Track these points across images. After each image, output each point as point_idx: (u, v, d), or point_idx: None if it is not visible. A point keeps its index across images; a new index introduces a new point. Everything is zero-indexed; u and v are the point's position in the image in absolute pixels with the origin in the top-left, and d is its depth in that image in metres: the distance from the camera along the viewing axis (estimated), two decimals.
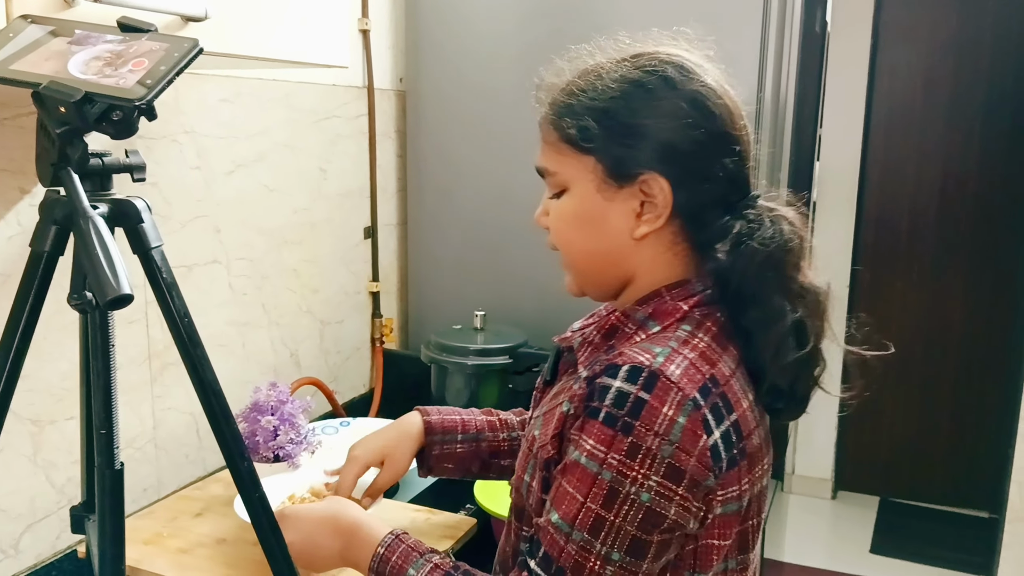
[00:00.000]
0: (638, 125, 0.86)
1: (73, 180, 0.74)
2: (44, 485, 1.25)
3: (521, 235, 1.92)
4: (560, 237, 0.94)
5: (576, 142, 0.89)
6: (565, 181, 0.91)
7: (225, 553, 1.21)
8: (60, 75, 0.76)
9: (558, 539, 0.81)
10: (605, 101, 0.87)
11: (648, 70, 0.88)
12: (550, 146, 0.92)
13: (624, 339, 0.89)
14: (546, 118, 0.93)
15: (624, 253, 0.90)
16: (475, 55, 1.91)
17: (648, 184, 0.87)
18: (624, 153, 0.87)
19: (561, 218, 0.93)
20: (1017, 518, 2.54)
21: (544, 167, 0.94)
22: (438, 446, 1.21)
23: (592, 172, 0.88)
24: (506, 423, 1.25)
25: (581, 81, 0.90)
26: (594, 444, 0.79)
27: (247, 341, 1.63)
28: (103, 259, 0.68)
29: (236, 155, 1.55)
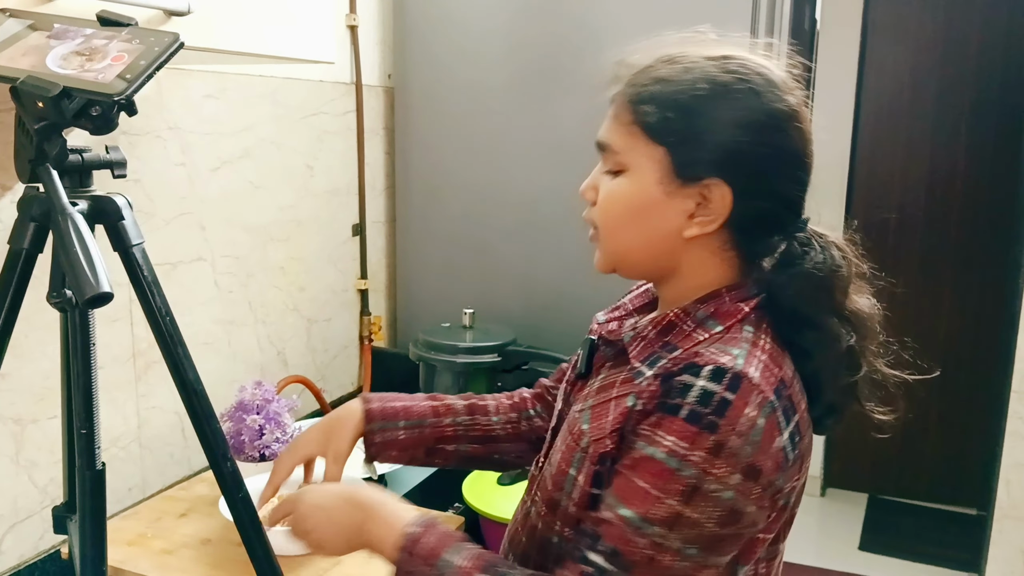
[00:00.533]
0: (717, 130, 0.86)
1: (52, 176, 0.73)
2: (26, 485, 1.24)
3: (510, 233, 1.92)
4: (606, 217, 0.92)
5: (652, 131, 0.87)
6: (627, 163, 0.89)
7: (209, 554, 1.20)
8: (38, 70, 0.74)
9: (628, 533, 0.80)
10: (690, 98, 0.86)
11: (738, 76, 0.87)
12: (622, 125, 0.89)
13: (682, 336, 0.89)
14: (623, 96, 0.90)
15: (669, 248, 0.90)
16: (464, 52, 1.90)
17: (710, 189, 0.87)
18: (696, 154, 0.86)
19: (614, 199, 0.90)
20: (1004, 515, 2.55)
21: (609, 143, 0.90)
22: (379, 433, 1.18)
23: (658, 163, 0.88)
24: (451, 408, 1.23)
25: (668, 69, 0.89)
26: (675, 441, 0.79)
27: (233, 339, 1.61)
28: (82, 257, 0.67)
29: (221, 151, 1.54)
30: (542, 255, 1.89)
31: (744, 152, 0.86)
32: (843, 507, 3.65)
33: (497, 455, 1.24)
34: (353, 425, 1.19)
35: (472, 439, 1.22)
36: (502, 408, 1.25)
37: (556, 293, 1.85)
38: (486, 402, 1.26)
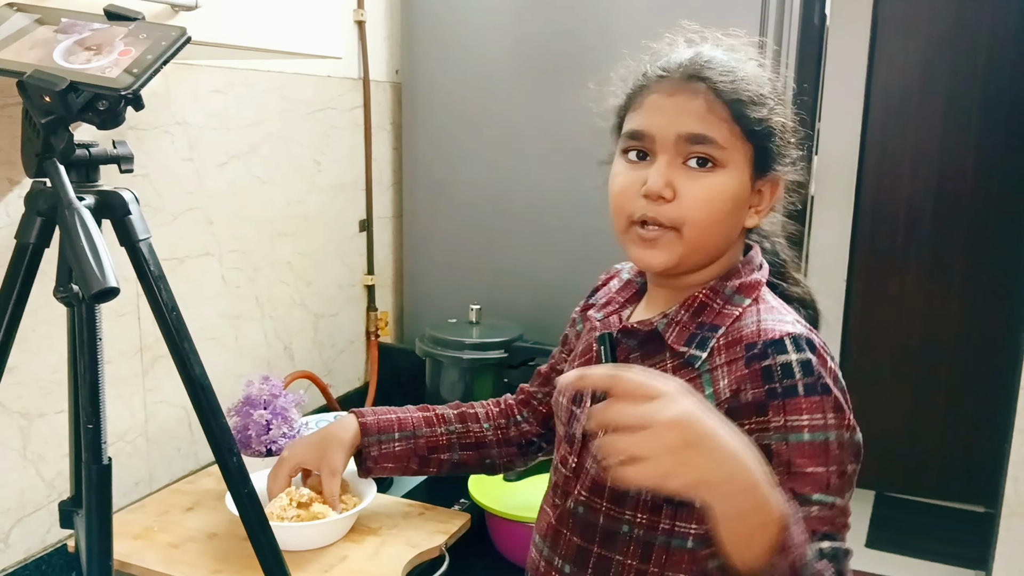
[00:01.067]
0: (779, 128, 0.95)
1: (58, 171, 0.73)
2: (34, 479, 1.24)
3: (517, 229, 1.92)
4: (705, 214, 0.91)
5: (749, 128, 0.91)
6: (727, 159, 0.91)
7: (216, 548, 1.20)
8: (45, 64, 0.74)
9: (827, 513, 0.83)
10: (767, 99, 0.93)
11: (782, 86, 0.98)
12: (721, 120, 0.90)
13: (714, 314, 0.94)
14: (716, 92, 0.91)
15: (734, 237, 0.97)
16: (471, 47, 1.89)
17: (774, 183, 0.96)
18: (771, 152, 0.94)
19: (716, 195, 0.91)
20: (1012, 512, 2.53)
21: (710, 135, 0.90)
22: (375, 446, 1.22)
23: (748, 160, 0.93)
24: (443, 417, 1.26)
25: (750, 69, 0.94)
26: (811, 417, 0.84)
27: (240, 334, 1.62)
28: (88, 251, 0.67)
29: (229, 146, 1.54)
30: (549, 251, 1.88)
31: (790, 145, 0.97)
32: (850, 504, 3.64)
33: (488, 460, 1.27)
34: (348, 439, 1.22)
35: (465, 446, 1.26)
36: (491, 414, 1.29)
37: (563, 289, 1.84)
38: (475, 409, 1.29)
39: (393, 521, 1.28)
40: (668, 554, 0.91)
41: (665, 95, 0.92)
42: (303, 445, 1.23)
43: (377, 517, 1.28)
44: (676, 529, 0.91)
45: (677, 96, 0.91)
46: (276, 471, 1.21)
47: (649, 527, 0.92)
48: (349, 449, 1.22)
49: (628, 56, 0.99)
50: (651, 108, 0.93)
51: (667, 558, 0.91)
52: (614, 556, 0.94)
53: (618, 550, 0.94)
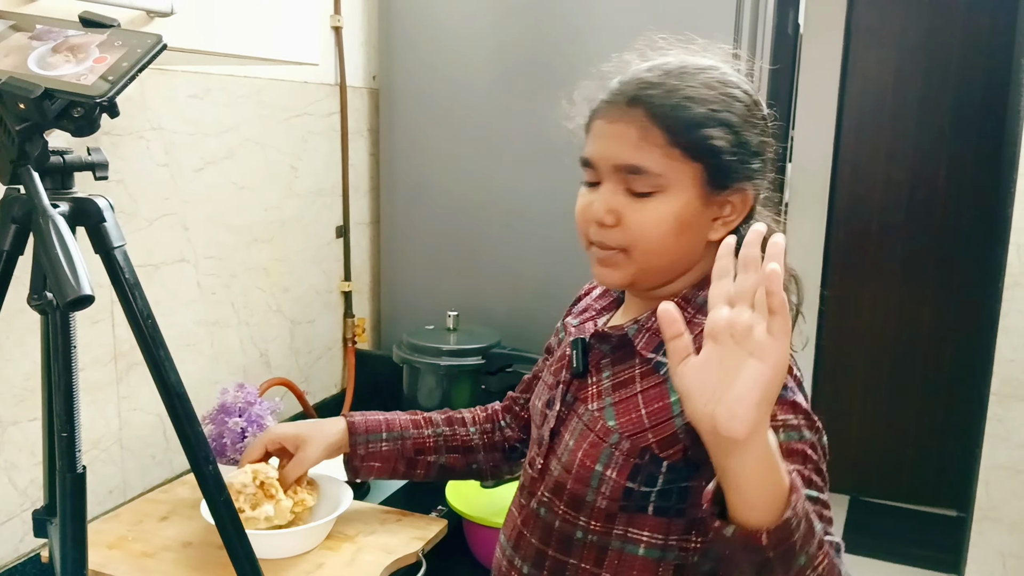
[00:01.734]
0: (748, 141, 0.93)
1: (32, 178, 0.72)
2: (6, 487, 1.23)
3: (495, 235, 1.92)
4: (648, 239, 0.92)
5: (691, 149, 0.90)
6: (666, 184, 0.91)
7: (190, 557, 1.19)
8: (20, 71, 0.74)
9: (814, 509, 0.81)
10: (724, 114, 0.91)
11: (740, 88, 0.94)
12: (655, 147, 0.90)
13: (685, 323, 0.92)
14: (650, 117, 0.90)
15: (698, 252, 0.96)
16: (449, 53, 1.90)
17: (742, 195, 0.94)
18: (732, 165, 0.92)
19: (658, 221, 0.91)
20: (984, 516, 2.57)
21: (643, 166, 0.90)
22: (363, 446, 1.23)
23: (696, 180, 0.91)
24: (431, 420, 1.28)
25: (691, 88, 0.91)
26: (784, 418, 0.84)
27: (215, 341, 1.61)
28: (63, 259, 0.67)
29: (205, 152, 1.53)
30: (527, 257, 1.89)
31: (763, 157, 0.95)
32: None
33: (474, 464, 1.28)
34: (333, 438, 1.24)
35: (451, 449, 1.27)
36: (478, 419, 1.30)
37: (541, 295, 1.85)
38: (463, 415, 1.31)
39: (370, 528, 1.28)
40: (621, 559, 0.92)
41: (607, 121, 0.93)
42: (290, 425, 1.24)
43: (354, 524, 1.28)
44: (629, 535, 0.92)
45: (616, 124, 0.92)
46: (255, 442, 1.23)
47: (603, 533, 0.93)
48: (330, 448, 1.23)
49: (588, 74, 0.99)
50: (595, 135, 0.95)
51: (620, 563, 0.92)
52: (569, 560, 0.95)
53: (573, 554, 0.95)
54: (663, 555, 0.91)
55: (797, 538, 0.72)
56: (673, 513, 0.90)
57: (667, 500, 0.90)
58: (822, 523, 0.79)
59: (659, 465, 0.90)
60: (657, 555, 0.91)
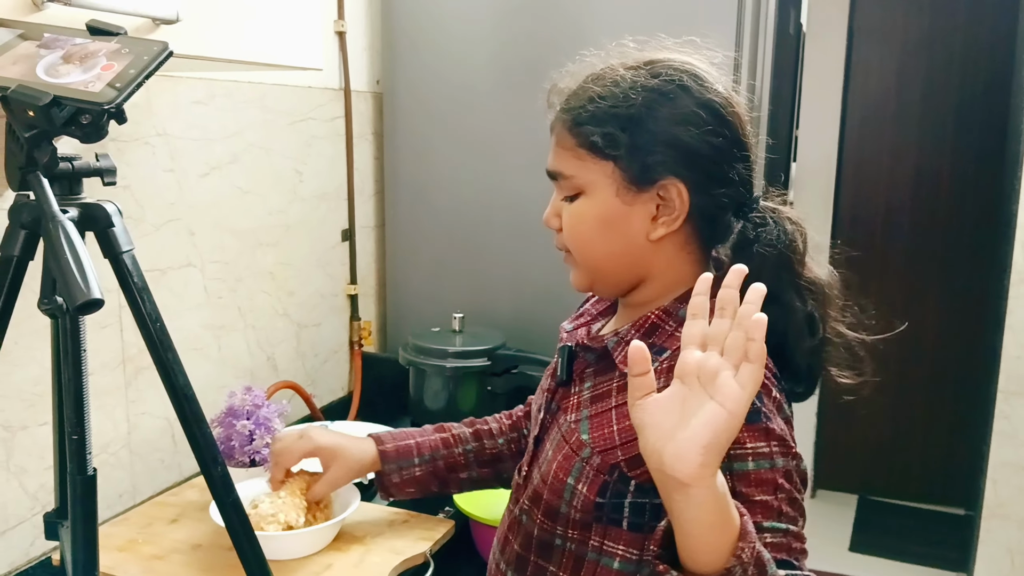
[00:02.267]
0: (659, 132, 0.90)
1: (42, 184, 0.73)
2: (17, 491, 1.24)
3: (499, 237, 1.93)
4: (576, 240, 0.95)
5: (597, 149, 0.91)
6: (582, 185, 0.93)
7: (200, 559, 1.20)
8: (28, 79, 0.75)
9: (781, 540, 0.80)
10: (626, 108, 0.90)
11: (665, 78, 0.91)
12: (567, 151, 0.93)
13: (666, 336, 0.92)
14: (562, 122, 0.94)
15: (640, 254, 0.94)
16: (452, 56, 1.91)
17: (667, 189, 0.91)
18: (645, 160, 0.90)
19: (579, 221, 0.94)
20: (992, 515, 2.56)
21: (559, 171, 0.95)
22: (396, 473, 1.22)
23: (611, 177, 0.91)
24: (459, 437, 1.27)
25: (598, 87, 0.92)
26: (754, 446, 0.81)
27: (223, 344, 1.62)
28: (72, 263, 0.68)
29: (210, 157, 1.55)
30: (531, 258, 1.89)
31: (688, 147, 0.90)
32: (833, 508, 3.67)
33: (504, 474, 1.27)
34: (365, 463, 1.22)
35: (482, 463, 1.26)
36: (504, 428, 1.29)
37: (546, 296, 1.86)
38: (488, 425, 1.29)
39: (378, 529, 1.28)
40: (597, 570, 0.91)
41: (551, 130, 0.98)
42: (329, 436, 1.23)
43: (362, 525, 1.28)
44: (604, 548, 0.91)
45: (552, 136, 0.97)
46: (293, 445, 1.21)
47: (580, 542, 0.92)
48: (360, 472, 1.23)
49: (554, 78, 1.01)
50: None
51: (596, 574, 0.91)
52: (549, 567, 0.95)
53: (553, 561, 0.94)
54: (638, 569, 0.89)
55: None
56: (647, 529, 0.88)
57: (640, 516, 0.88)
58: (791, 556, 0.77)
59: (627, 484, 0.88)
60: (632, 569, 0.89)
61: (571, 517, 0.92)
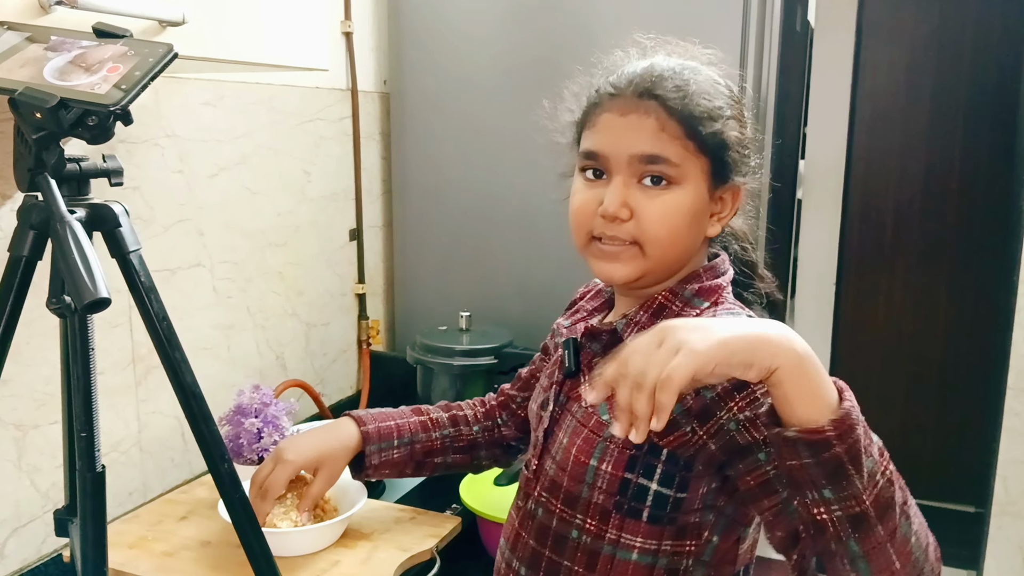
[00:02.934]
0: (747, 139, 0.97)
1: (50, 185, 0.74)
2: (28, 490, 1.26)
3: (506, 236, 1.93)
4: (663, 231, 0.92)
5: (704, 143, 0.92)
6: (682, 176, 0.92)
7: (209, 556, 1.21)
8: (36, 81, 0.76)
9: None
10: (731, 110, 0.95)
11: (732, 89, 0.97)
12: (673, 138, 0.91)
13: (672, 315, 0.96)
14: (667, 109, 0.91)
15: (697, 247, 0.98)
16: (459, 56, 1.91)
17: (734, 192, 0.97)
18: (728, 162, 0.95)
19: (675, 212, 0.92)
20: (1003, 512, 2.55)
21: (663, 155, 0.91)
22: (376, 455, 1.23)
23: (705, 174, 0.94)
24: (436, 422, 1.29)
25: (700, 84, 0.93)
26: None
27: (232, 344, 1.63)
28: (80, 263, 0.69)
29: (219, 158, 1.56)
30: (538, 257, 1.90)
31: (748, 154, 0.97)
32: None
33: (475, 461, 1.31)
34: (349, 448, 1.24)
35: (457, 449, 1.29)
36: (479, 416, 1.32)
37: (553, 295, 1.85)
38: (464, 412, 1.32)
39: (385, 526, 1.29)
40: (613, 564, 0.92)
41: (617, 114, 0.93)
42: (305, 448, 1.20)
43: (369, 522, 1.29)
44: (622, 540, 0.92)
45: (629, 116, 0.92)
46: (277, 475, 1.18)
47: (597, 535, 0.93)
48: (349, 457, 1.23)
49: (580, 70, 1.01)
50: (604, 128, 0.94)
51: (612, 568, 0.92)
52: (563, 561, 0.96)
53: (567, 555, 0.95)
54: (655, 560, 0.91)
55: (860, 434, 0.71)
56: (667, 521, 0.90)
57: (662, 508, 0.90)
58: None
59: (658, 454, 0.89)
60: (649, 560, 0.91)
61: (593, 501, 0.93)
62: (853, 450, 0.71)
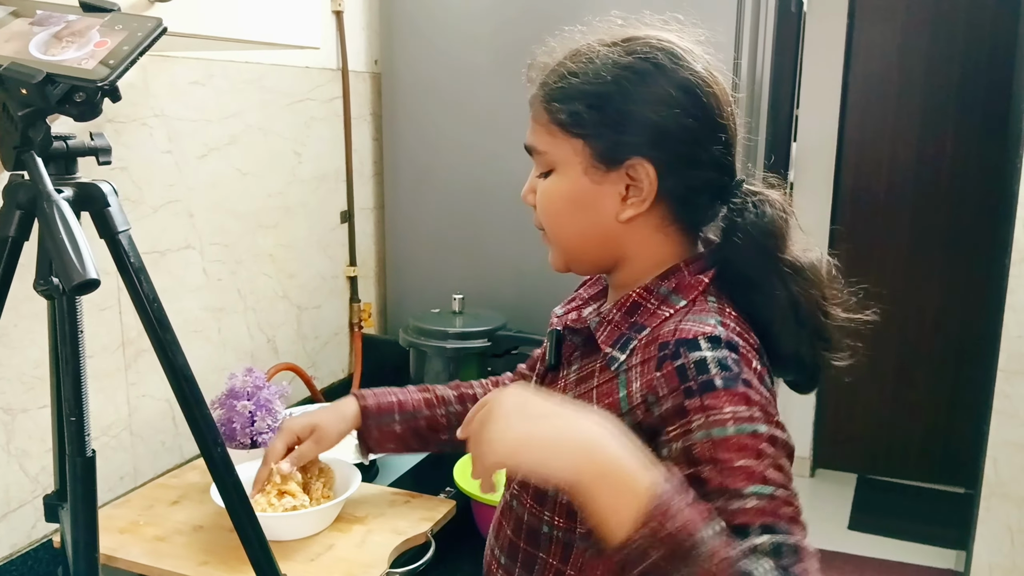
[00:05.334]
0: (628, 111, 0.88)
1: (36, 163, 0.72)
2: (18, 474, 1.24)
3: (499, 218, 1.92)
4: (548, 217, 0.95)
5: (566, 126, 0.90)
6: (554, 162, 0.92)
7: (202, 540, 1.20)
8: (21, 56, 0.74)
9: (764, 504, 0.76)
10: (596, 86, 0.89)
11: (640, 56, 0.89)
12: (541, 126, 0.93)
13: (647, 314, 0.90)
14: (537, 98, 0.94)
15: (612, 234, 0.92)
16: (451, 36, 1.89)
17: (635, 169, 0.89)
18: (613, 138, 0.89)
19: (549, 198, 0.94)
20: (992, 493, 2.57)
21: (534, 146, 0.95)
22: (376, 428, 1.25)
23: (580, 155, 0.90)
24: (442, 399, 1.29)
25: (572, 64, 0.91)
26: (733, 409, 0.78)
27: (223, 327, 1.61)
28: (68, 243, 0.67)
29: (208, 138, 1.54)
30: (532, 239, 1.86)
31: (659, 126, 0.88)
32: (832, 487, 3.68)
33: None
34: (346, 420, 1.25)
35: None
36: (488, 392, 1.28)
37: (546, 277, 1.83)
38: (474, 389, 1.30)
39: (379, 509, 1.28)
40: (587, 557, 0.90)
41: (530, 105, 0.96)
42: (302, 418, 1.25)
43: (363, 506, 1.29)
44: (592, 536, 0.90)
45: (531, 108, 0.96)
46: (274, 440, 1.23)
47: (567, 529, 0.91)
48: (344, 429, 1.24)
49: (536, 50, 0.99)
50: None
51: (584, 561, 0.90)
52: (539, 553, 0.94)
53: (542, 548, 0.93)
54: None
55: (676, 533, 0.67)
56: None
57: None
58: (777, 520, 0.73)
59: None
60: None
61: (559, 500, 0.91)
62: (672, 552, 0.68)
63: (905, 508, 3.53)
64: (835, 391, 3.68)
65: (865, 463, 3.78)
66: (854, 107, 3.58)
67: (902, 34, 3.49)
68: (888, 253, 3.63)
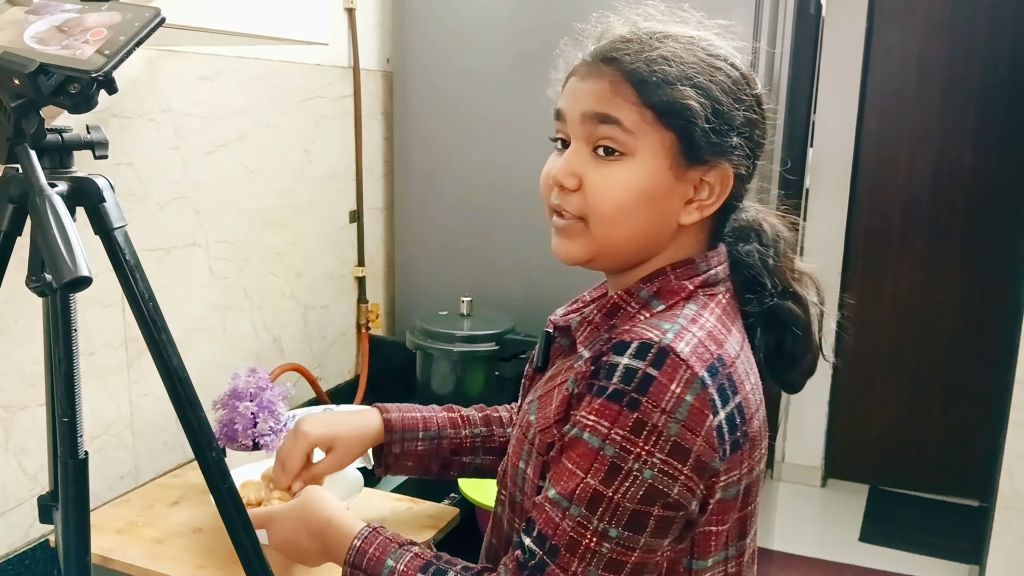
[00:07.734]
0: (729, 112, 0.85)
1: (29, 156, 0.70)
2: (16, 472, 1.22)
3: (510, 220, 1.89)
4: (606, 206, 0.85)
5: (663, 114, 0.82)
6: (636, 147, 0.83)
7: (200, 543, 1.18)
8: (16, 46, 0.72)
9: (554, 515, 0.79)
10: (705, 77, 0.84)
11: (724, 59, 0.87)
12: (629, 104, 0.83)
13: (627, 318, 0.87)
14: (625, 73, 0.83)
15: (663, 235, 0.87)
16: (463, 36, 1.87)
17: (713, 172, 0.86)
18: (710, 136, 0.83)
19: (618, 188, 0.84)
20: (1007, 506, 2.52)
21: (616, 117, 0.83)
22: (398, 444, 1.16)
23: (668, 148, 0.83)
24: (468, 420, 1.21)
25: (669, 49, 0.84)
26: (596, 419, 0.78)
27: (228, 326, 1.59)
28: (59, 239, 0.65)
29: (216, 135, 1.52)
30: (541, 242, 1.83)
31: (747, 134, 0.86)
32: (844, 498, 3.64)
33: None
34: (368, 436, 1.16)
35: (488, 451, 1.21)
36: (514, 418, 1.24)
37: (556, 280, 1.82)
38: (500, 413, 1.24)
39: (382, 515, 1.26)
40: None
41: (579, 78, 0.87)
42: (323, 424, 1.14)
43: (366, 512, 1.26)
44: None
45: (588, 79, 0.86)
46: (294, 447, 1.12)
47: None
48: (367, 446, 1.16)
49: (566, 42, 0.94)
50: (568, 91, 0.88)
51: None
52: None
53: None
54: None
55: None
56: None
57: None
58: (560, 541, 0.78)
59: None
60: None
61: (524, 506, 0.89)
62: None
63: (918, 520, 3.48)
64: (848, 400, 3.63)
65: (878, 474, 3.73)
66: (872, 112, 3.54)
67: (922, 38, 3.44)
68: (904, 260, 3.58)
